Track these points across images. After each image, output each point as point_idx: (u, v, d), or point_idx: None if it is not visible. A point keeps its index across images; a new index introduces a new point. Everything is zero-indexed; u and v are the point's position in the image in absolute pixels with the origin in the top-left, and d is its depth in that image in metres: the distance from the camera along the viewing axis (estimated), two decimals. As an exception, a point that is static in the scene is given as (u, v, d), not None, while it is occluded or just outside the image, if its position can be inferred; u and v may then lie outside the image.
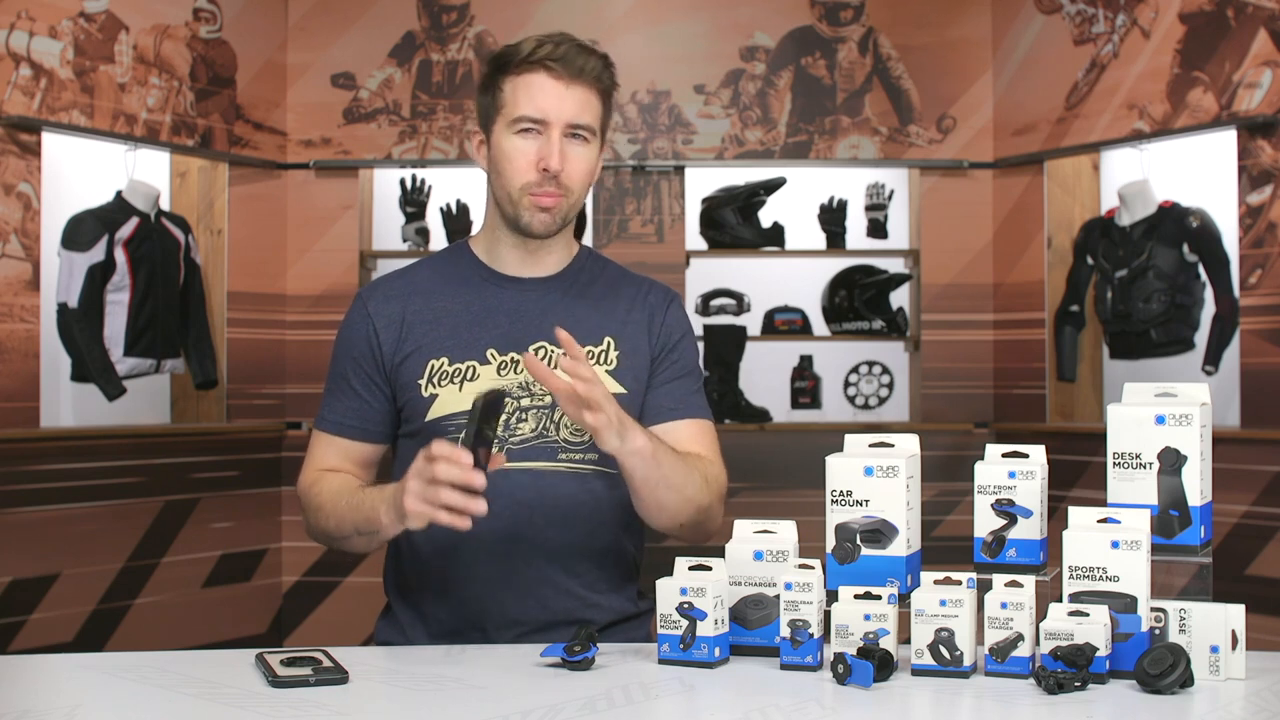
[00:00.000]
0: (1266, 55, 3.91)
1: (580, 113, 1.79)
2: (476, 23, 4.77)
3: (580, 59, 1.79)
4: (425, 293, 1.87)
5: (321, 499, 1.82)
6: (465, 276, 1.88)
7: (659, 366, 1.89)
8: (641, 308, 1.90)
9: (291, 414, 4.66)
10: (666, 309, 1.92)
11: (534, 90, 1.78)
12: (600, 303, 1.89)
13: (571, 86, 1.78)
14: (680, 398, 1.88)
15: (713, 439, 1.89)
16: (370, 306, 1.87)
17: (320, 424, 1.89)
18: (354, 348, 1.87)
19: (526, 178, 1.79)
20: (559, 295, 1.87)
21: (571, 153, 1.79)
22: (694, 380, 1.92)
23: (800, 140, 4.78)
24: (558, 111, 1.78)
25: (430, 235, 4.73)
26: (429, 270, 1.91)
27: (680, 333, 1.92)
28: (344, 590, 4.61)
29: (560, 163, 1.78)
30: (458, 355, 1.82)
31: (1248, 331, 3.96)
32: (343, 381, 1.87)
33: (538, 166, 1.78)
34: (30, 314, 3.91)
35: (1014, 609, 1.47)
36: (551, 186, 1.79)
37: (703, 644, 1.55)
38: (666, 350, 1.90)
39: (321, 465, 1.88)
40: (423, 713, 1.37)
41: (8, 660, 1.62)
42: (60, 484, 4.00)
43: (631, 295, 1.92)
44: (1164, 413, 1.53)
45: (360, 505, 1.73)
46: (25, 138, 3.89)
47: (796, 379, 4.87)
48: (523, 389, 1.81)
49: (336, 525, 1.79)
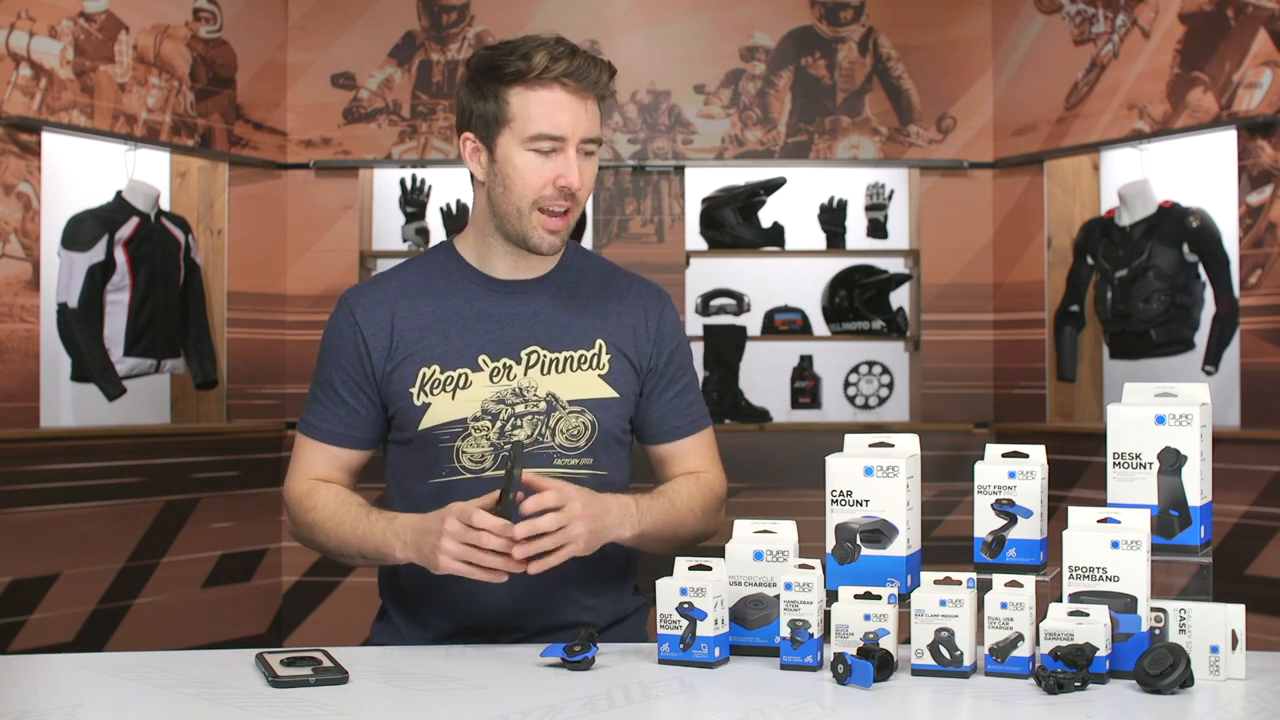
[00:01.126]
0: (1266, 55, 3.91)
1: (593, 127, 1.79)
2: (476, 23, 4.77)
3: (594, 72, 1.77)
4: (413, 296, 1.85)
5: (317, 516, 1.81)
6: (453, 280, 1.86)
7: (660, 378, 1.89)
8: (634, 308, 1.90)
9: (291, 414, 4.65)
10: (661, 312, 1.92)
11: (551, 108, 1.75)
12: (590, 303, 1.88)
13: (586, 100, 1.78)
14: (683, 411, 1.91)
15: (712, 445, 1.95)
16: (357, 314, 1.84)
17: (306, 429, 1.87)
18: (341, 355, 1.84)
19: (541, 193, 1.77)
20: (549, 298, 1.86)
21: (584, 167, 1.79)
22: (694, 387, 1.94)
23: (800, 140, 4.78)
24: (574, 129, 1.77)
25: (430, 235, 4.73)
26: (415, 273, 1.89)
27: (678, 339, 1.93)
28: (344, 590, 4.61)
29: (579, 179, 1.78)
30: (449, 363, 1.81)
31: (1248, 331, 3.96)
32: (329, 389, 1.85)
33: (555, 183, 1.77)
34: (30, 314, 3.91)
35: (1014, 609, 1.47)
36: (566, 200, 1.78)
37: (703, 644, 1.55)
38: (667, 360, 1.90)
39: (310, 472, 1.86)
40: (423, 713, 1.37)
41: (8, 660, 1.62)
42: (60, 484, 4.00)
43: (621, 293, 1.91)
44: (1164, 413, 1.53)
45: (368, 535, 1.75)
46: (25, 138, 3.89)
47: (796, 379, 4.87)
48: (516, 395, 1.80)
49: (337, 545, 1.79)
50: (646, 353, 1.89)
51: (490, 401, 1.79)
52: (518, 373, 1.81)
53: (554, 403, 1.81)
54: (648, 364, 1.89)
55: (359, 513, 1.78)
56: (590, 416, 1.82)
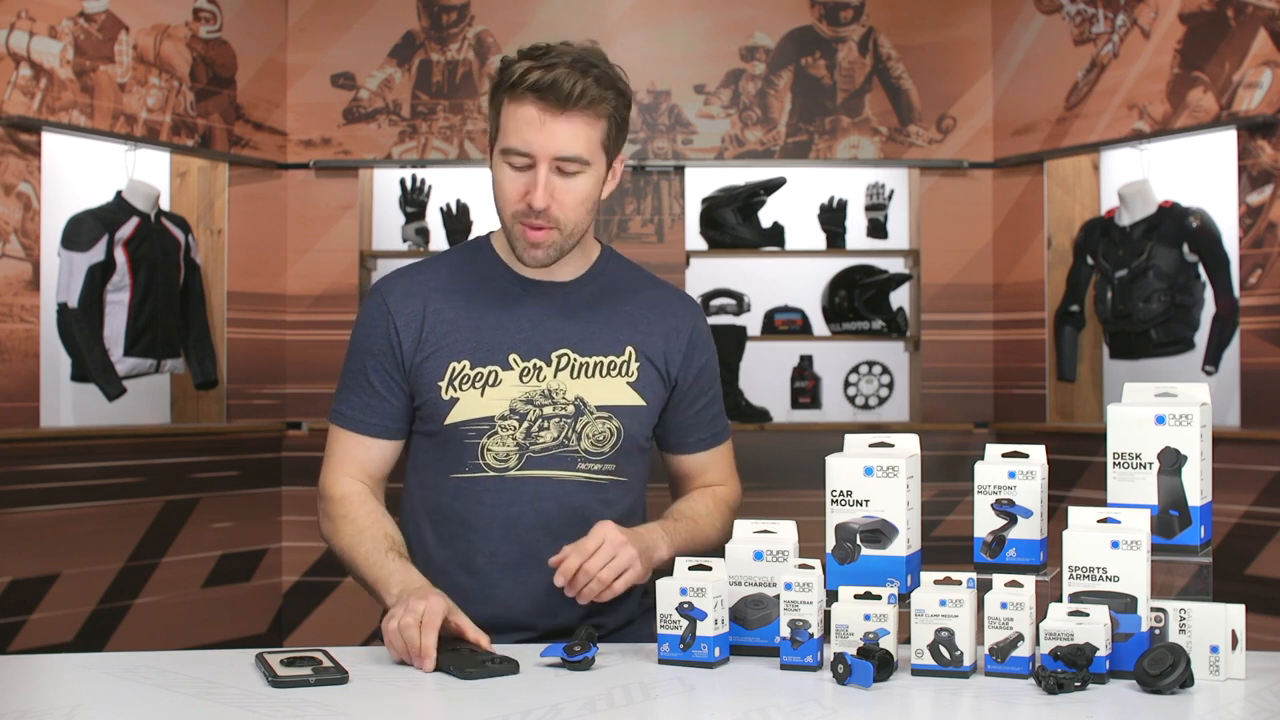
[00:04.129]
0: (1266, 55, 3.91)
1: (568, 145, 1.70)
2: (476, 23, 4.77)
3: (569, 83, 1.67)
4: (445, 291, 1.84)
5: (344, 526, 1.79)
6: (486, 277, 1.85)
7: (689, 390, 1.90)
8: (664, 316, 1.88)
9: (291, 414, 4.66)
10: (693, 326, 1.90)
11: (520, 122, 1.70)
12: (621, 309, 1.86)
13: (558, 119, 1.69)
14: (707, 424, 1.94)
15: (730, 457, 1.98)
16: (390, 303, 1.83)
17: (339, 419, 1.85)
18: (373, 344, 1.83)
19: (515, 208, 1.75)
20: (581, 302, 1.85)
21: (560, 185, 1.72)
22: (719, 399, 1.96)
23: (800, 140, 4.78)
24: (543, 146, 1.69)
25: (430, 235, 4.73)
26: (449, 268, 1.88)
27: (709, 352, 1.93)
28: (344, 590, 4.60)
29: (545, 199, 1.71)
30: (479, 359, 1.80)
31: (1248, 331, 3.96)
32: (361, 378, 1.84)
33: (524, 200, 1.73)
34: (30, 314, 3.91)
35: (1014, 609, 1.47)
36: (541, 220, 1.73)
37: (703, 644, 1.55)
38: (697, 374, 1.90)
39: (345, 466, 1.84)
40: (423, 713, 1.37)
41: (8, 660, 1.62)
42: (60, 484, 4.00)
43: (652, 301, 1.89)
44: (1164, 413, 1.53)
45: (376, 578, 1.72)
46: (25, 138, 3.89)
47: (796, 379, 4.87)
48: (545, 396, 1.79)
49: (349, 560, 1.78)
50: (676, 363, 1.88)
51: (519, 401, 1.79)
52: (547, 374, 1.80)
53: (582, 407, 1.80)
54: (676, 374, 1.88)
55: (379, 545, 1.75)
56: (617, 423, 1.82)
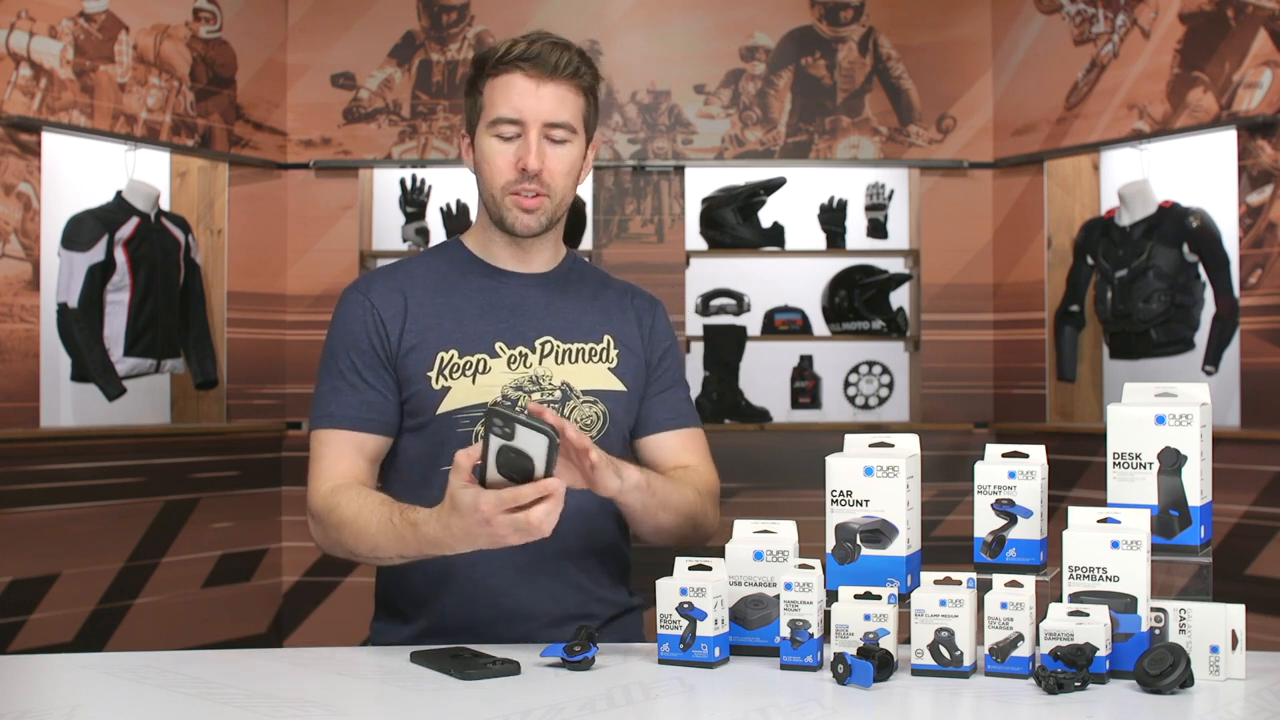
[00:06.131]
0: (1266, 55, 3.91)
1: (557, 110, 1.78)
2: (476, 23, 4.77)
3: (554, 56, 1.77)
4: (424, 285, 1.86)
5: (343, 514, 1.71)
6: (463, 271, 1.88)
7: (651, 376, 1.93)
8: (630, 309, 1.94)
9: (291, 414, 4.66)
10: (654, 316, 1.96)
11: (509, 90, 1.78)
12: (595, 301, 1.92)
13: (546, 84, 1.77)
14: (672, 408, 1.94)
15: (703, 445, 1.95)
16: (372, 297, 1.84)
17: (325, 421, 1.80)
18: (358, 340, 1.82)
19: (506, 177, 1.79)
20: (557, 291, 1.90)
21: (551, 152, 1.79)
22: (683, 388, 1.98)
23: (800, 140, 4.78)
24: (534, 111, 1.77)
25: (430, 235, 4.73)
26: (424, 265, 1.90)
27: (669, 341, 1.97)
28: (344, 590, 4.60)
29: (539, 162, 1.77)
30: (466, 348, 1.81)
31: (1248, 331, 3.96)
32: (350, 375, 1.81)
33: (516, 166, 1.78)
34: (30, 314, 3.91)
35: (1014, 609, 1.47)
36: (533, 185, 1.79)
37: (703, 644, 1.55)
38: (657, 360, 1.94)
39: (332, 472, 1.77)
40: (423, 713, 1.37)
41: (8, 660, 1.62)
42: (60, 484, 4.00)
43: (617, 297, 1.96)
44: (1164, 413, 1.53)
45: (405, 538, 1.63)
46: (25, 138, 3.89)
47: (796, 379, 4.87)
48: (533, 383, 1.82)
49: (369, 550, 1.69)
50: (647, 351, 1.93)
51: (509, 388, 1.81)
52: (533, 361, 1.83)
53: (569, 392, 1.83)
54: (648, 360, 1.93)
55: (385, 512, 1.67)
56: (602, 407, 1.85)
